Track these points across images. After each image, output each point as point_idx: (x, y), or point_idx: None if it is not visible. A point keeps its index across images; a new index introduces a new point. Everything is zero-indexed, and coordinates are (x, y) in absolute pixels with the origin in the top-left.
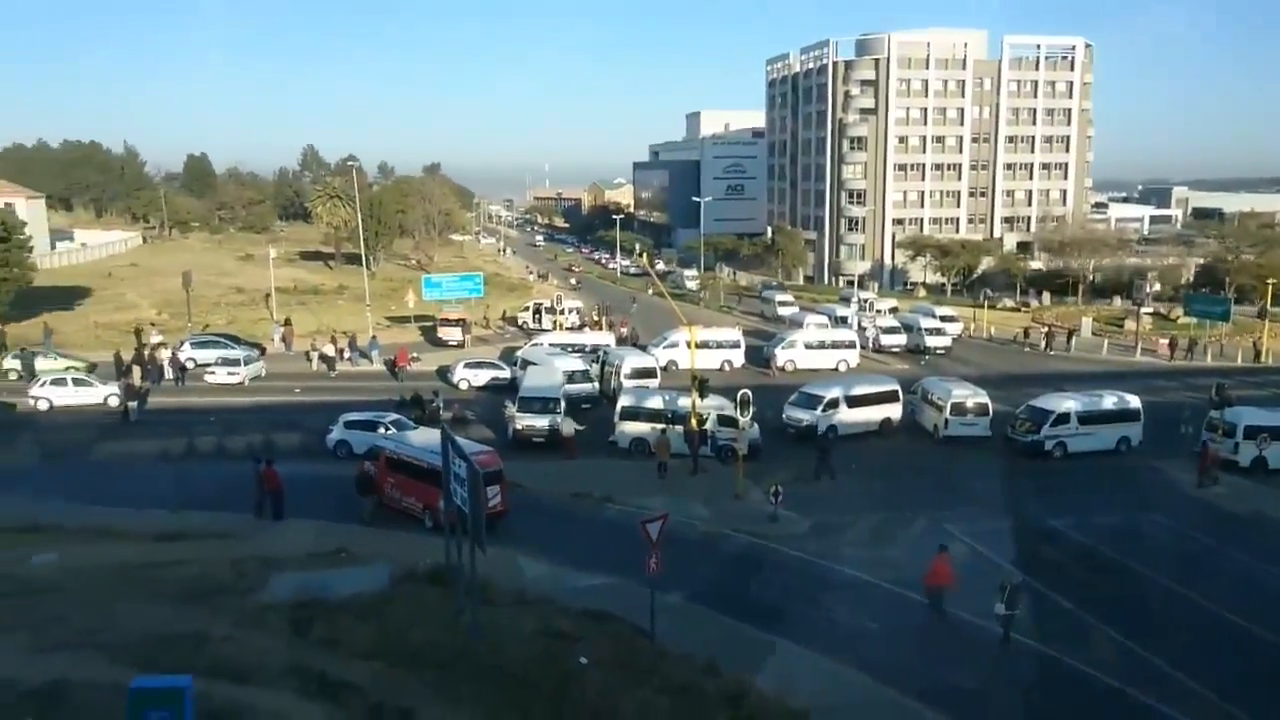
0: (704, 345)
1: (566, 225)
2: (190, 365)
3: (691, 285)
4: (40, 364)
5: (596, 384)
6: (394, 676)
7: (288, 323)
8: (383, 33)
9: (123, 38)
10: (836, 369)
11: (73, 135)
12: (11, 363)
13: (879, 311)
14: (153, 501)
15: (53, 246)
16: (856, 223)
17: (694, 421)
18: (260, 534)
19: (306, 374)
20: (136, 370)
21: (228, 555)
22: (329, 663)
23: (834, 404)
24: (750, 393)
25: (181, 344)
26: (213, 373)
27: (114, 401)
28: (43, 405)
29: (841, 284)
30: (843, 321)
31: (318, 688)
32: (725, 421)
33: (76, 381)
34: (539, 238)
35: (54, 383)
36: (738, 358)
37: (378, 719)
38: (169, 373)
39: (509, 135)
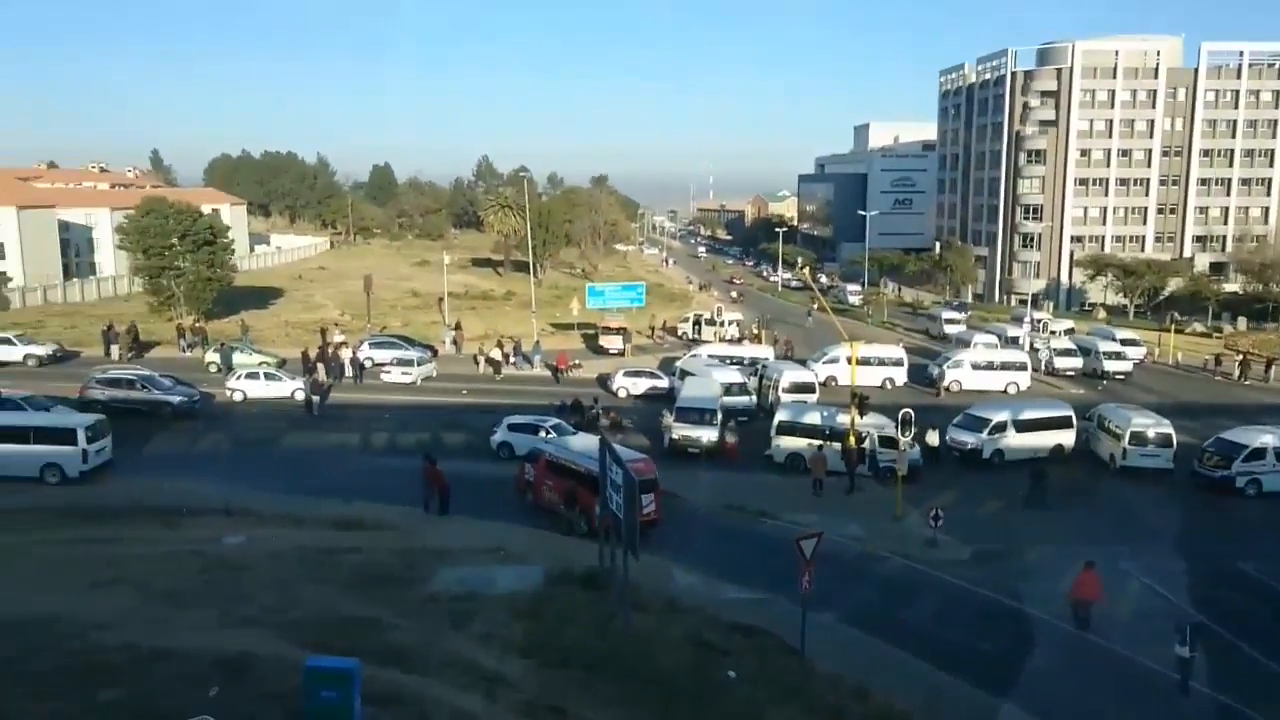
0: (865, 362)
1: (729, 237)
2: (368, 364)
3: (854, 300)
4: (237, 359)
5: (754, 397)
6: (546, 674)
7: (458, 326)
8: (555, 51)
9: (320, 57)
10: (1005, 391)
11: (272, 147)
12: (212, 356)
13: (1053, 332)
14: (330, 491)
15: (252, 249)
16: (1032, 239)
17: (852, 439)
18: (427, 528)
19: (474, 376)
20: (320, 367)
21: (397, 546)
22: (486, 656)
23: (1001, 427)
24: (912, 412)
25: (361, 344)
26: (388, 372)
27: (299, 396)
28: (238, 397)
29: (1013, 302)
30: (1014, 342)
31: (475, 680)
32: (885, 441)
33: (268, 376)
34: (701, 249)
35: (248, 376)
36: (900, 375)
37: (530, 715)
38: (349, 370)
39: (675, 147)
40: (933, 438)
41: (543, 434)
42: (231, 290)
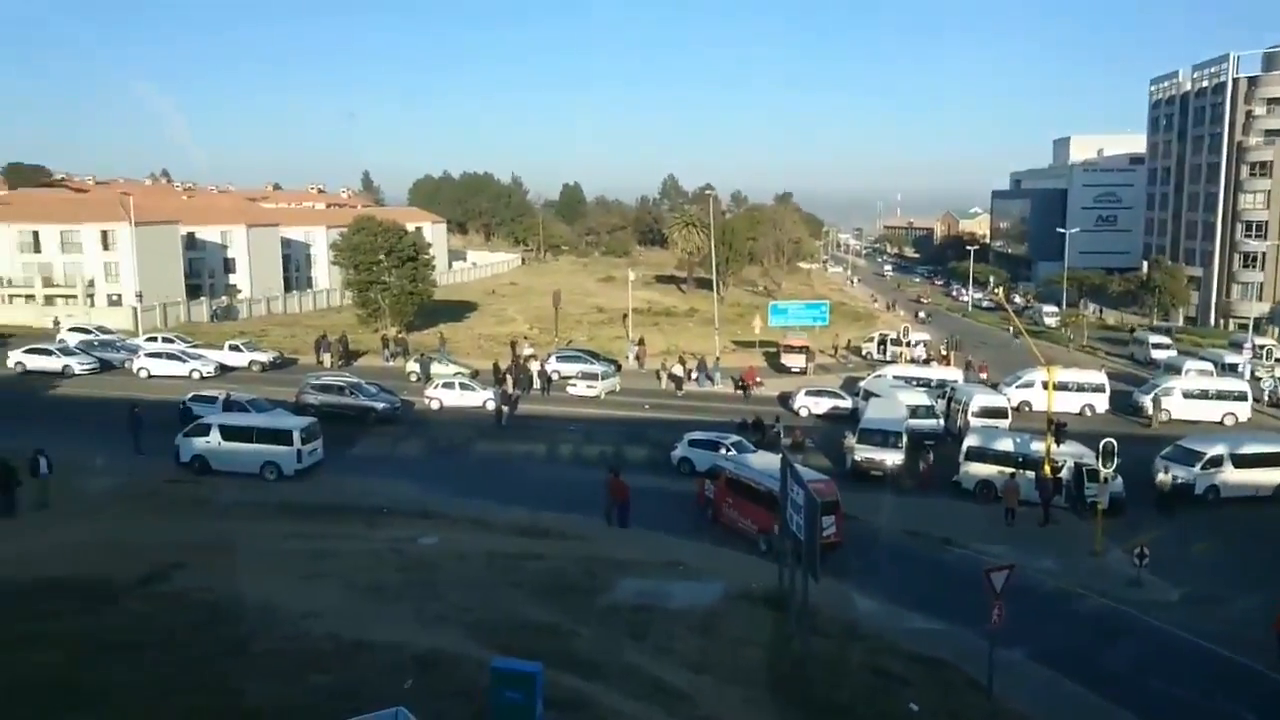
0: (1062, 387)
1: (916, 255)
2: (555, 377)
3: (1051, 322)
4: (435, 369)
5: (941, 420)
6: (722, 691)
7: (641, 342)
8: (741, 67)
9: (517, 85)
10: (1222, 422)
11: (471, 168)
12: (413, 366)
13: (1278, 360)
14: (516, 498)
15: (450, 265)
16: (1254, 259)
17: (1047, 468)
18: (608, 539)
19: (656, 391)
20: (510, 379)
21: (579, 555)
22: (662, 669)
23: (1216, 461)
24: (1115, 442)
25: (549, 357)
26: (574, 385)
27: (490, 406)
28: (435, 405)
29: (1232, 327)
30: (1232, 369)
31: (651, 692)
32: (1084, 471)
33: (463, 386)
34: (887, 267)
35: (445, 386)
36: (1101, 403)
37: None
38: (537, 383)
39: (862, 163)
40: (1166, 476)
41: (723, 451)
42: (431, 304)
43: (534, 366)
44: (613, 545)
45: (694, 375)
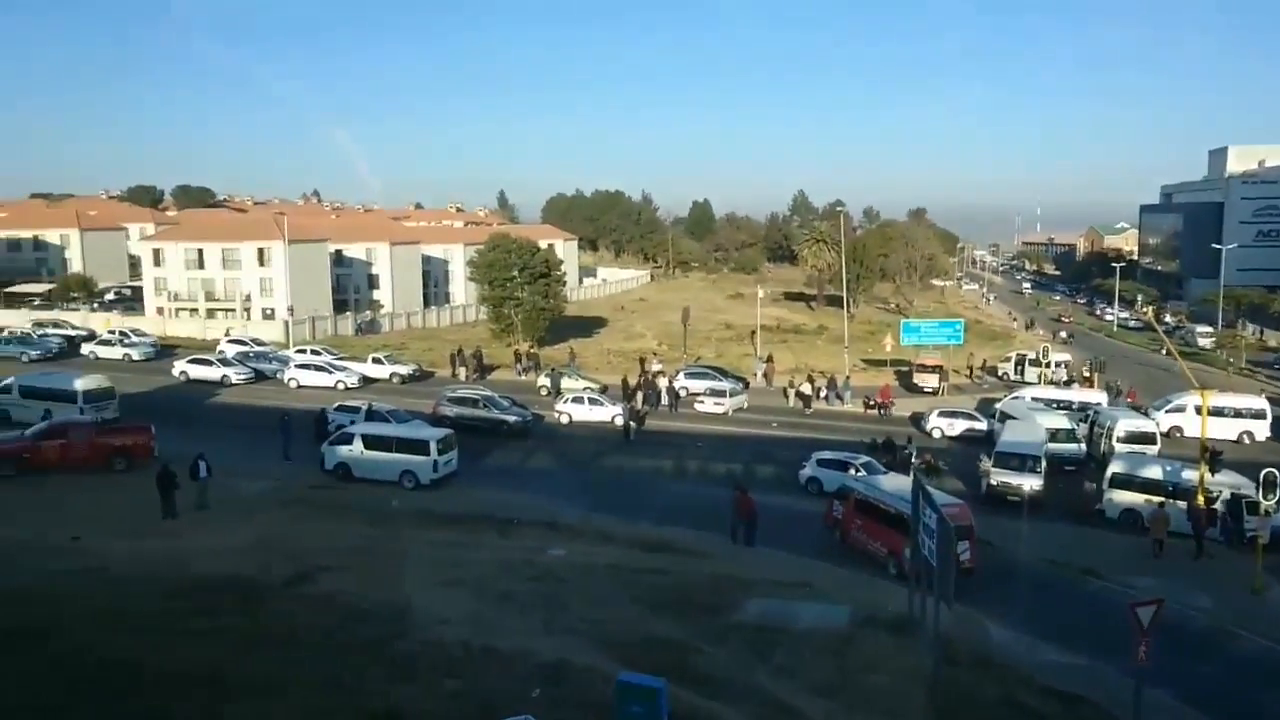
0: (1218, 412)
1: (1057, 272)
2: (683, 393)
3: (1205, 343)
4: (565, 383)
5: (1084, 445)
6: (847, 718)
7: (770, 359)
8: (870, 82)
9: (648, 104)
10: None
11: (602, 185)
12: (544, 380)
13: None
14: (643, 513)
15: (581, 282)
16: None
17: (1200, 498)
18: (733, 556)
19: (784, 409)
20: (638, 394)
21: (704, 572)
22: (787, 691)
23: None
24: (1277, 472)
25: (677, 373)
26: (702, 401)
27: (619, 421)
28: (564, 419)
29: None
30: None
31: (774, 713)
32: (1243, 503)
33: (591, 400)
34: (1026, 285)
35: (574, 400)
36: (1262, 430)
37: None
38: (665, 399)
39: (1000, 178)
40: None
41: (852, 471)
42: (562, 319)
43: (662, 382)
44: (738, 563)
45: (823, 394)
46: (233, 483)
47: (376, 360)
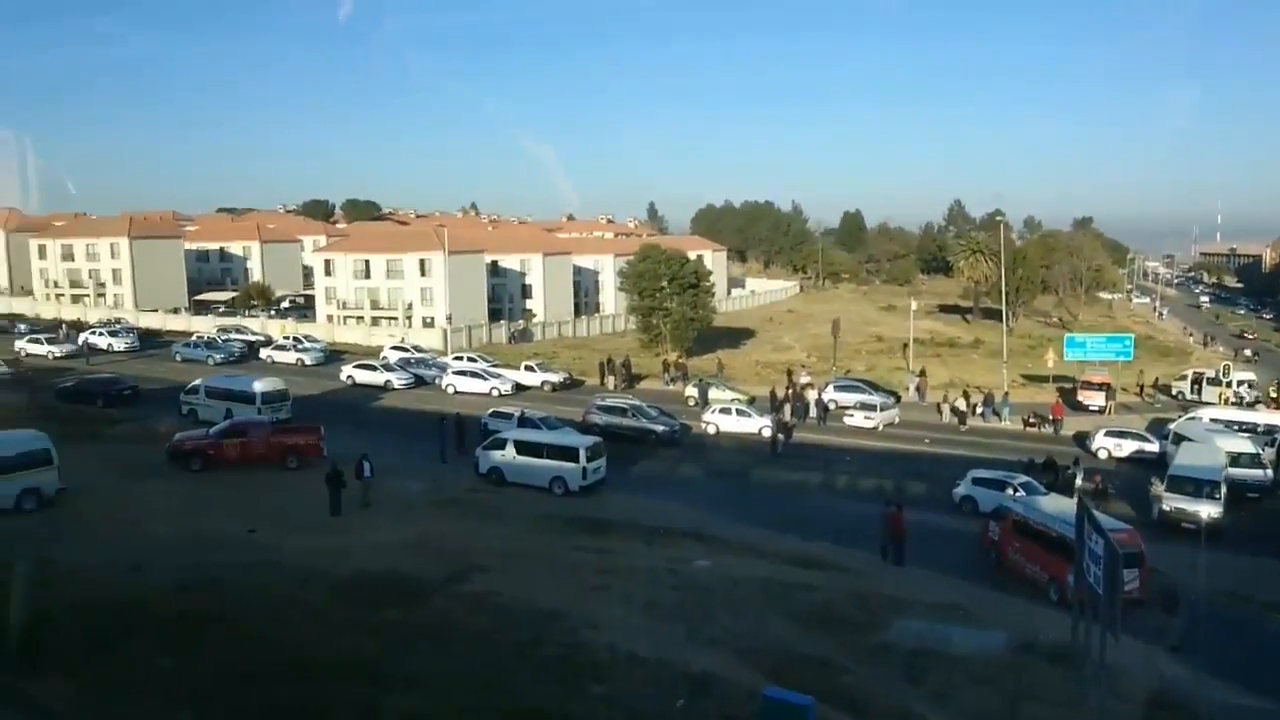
0: None
1: (1240, 285)
2: (832, 406)
3: None
4: (712, 394)
5: (1270, 471)
6: None
7: (923, 373)
8: (1029, 85)
9: (795, 112)
10: None
11: (751, 196)
12: (691, 391)
13: None
14: (789, 527)
15: (729, 292)
16: None
17: None
18: (883, 575)
19: (937, 425)
20: (786, 407)
21: (853, 590)
22: (938, 717)
23: None
24: None
25: (826, 386)
26: (851, 415)
27: (766, 433)
28: (711, 430)
29: None
30: None
31: None
32: None
33: (739, 412)
34: (1204, 298)
35: (722, 411)
36: None
37: None
38: (813, 411)
39: (1175, 184)
40: None
41: (1010, 491)
42: (710, 330)
43: (811, 395)
44: (887, 581)
45: (978, 410)
46: (393, 483)
47: (529, 368)
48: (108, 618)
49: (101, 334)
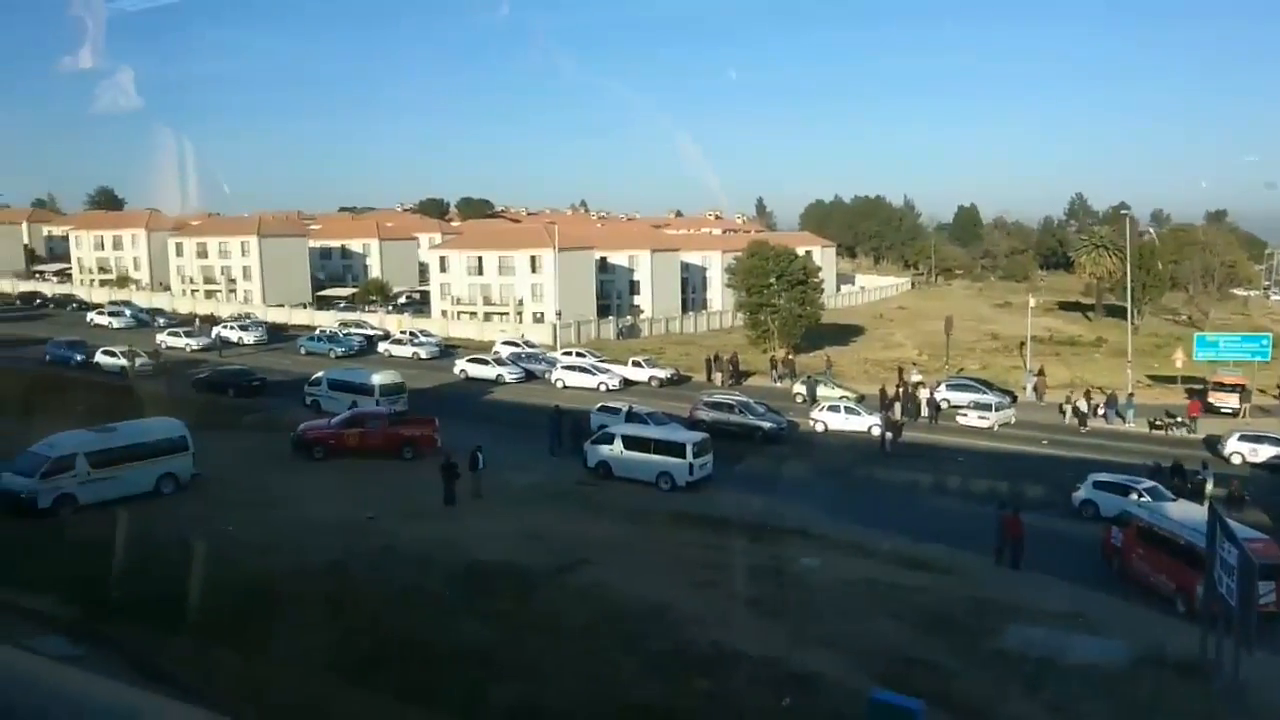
0: None
1: None
2: (944, 405)
3: None
4: (821, 391)
5: None
6: None
7: (1041, 372)
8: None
9: (909, 106)
10: None
11: (862, 191)
12: (799, 388)
13: None
14: (898, 527)
15: (838, 289)
16: None
17: None
18: (997, 579)
19: (1056, 426)
20: (897, 405)
21: (965, 594)
22: None
23: None
24: None
25: (938, 384)
26: (964, 415)
27: (875, 431)
28: (819, 428)
29: None
30: None
31: None
32: None
33: (848, 410)
34: None
35: (830, 409)
36: None
37: None
38: (925, 410)
39: None
40: None
41: (1134, 496)
42: (818, 327)
43: (922, 394)
44: (1002, 586)
45: (1100, 411)
46: (504, 475)
47: (636, 363)
48: (242, 596)
49: (232, 328)
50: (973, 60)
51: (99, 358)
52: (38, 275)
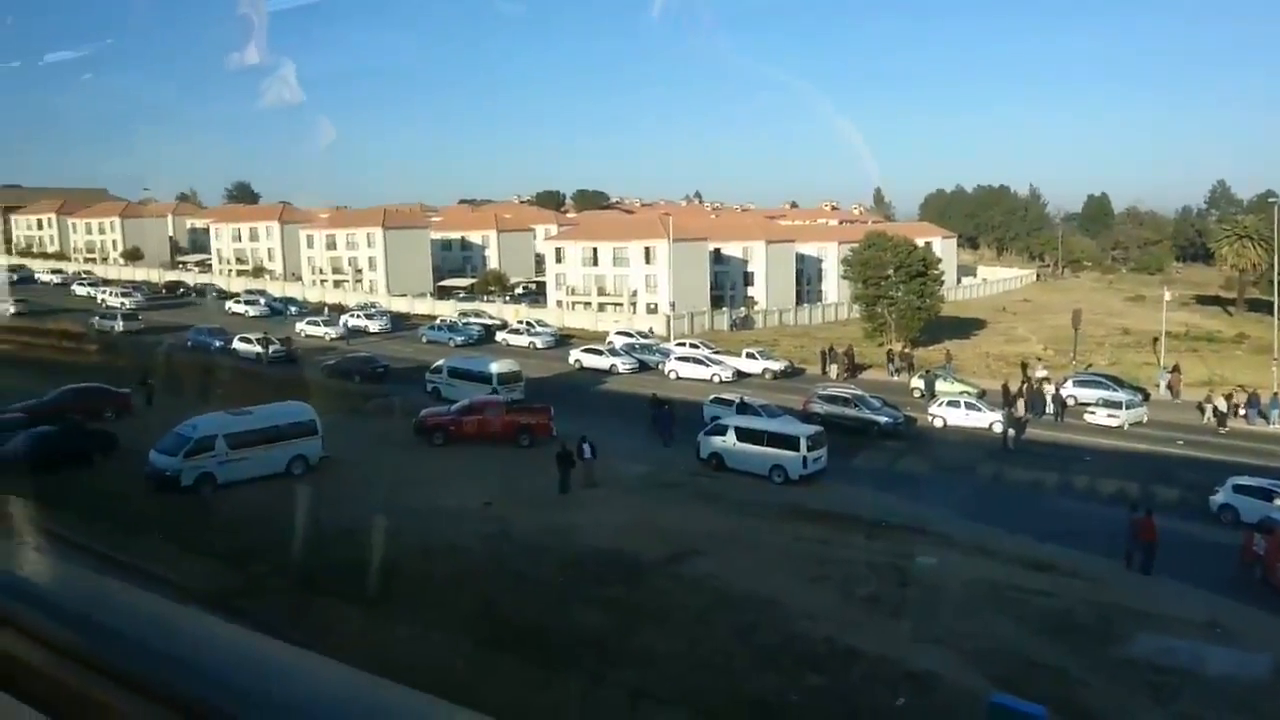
0: None
1: None
2: (1070, 402)
3: None
4: (939, 386)
5: None
6: None
7: (1175, 369)
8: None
9: (1035, 93)
10: None
11: (985, 180)
12: (917, 382)
13: None
14: (1021, 528)
15: (958, 281)
16: None
17: None
18: (1126, 584)
19: (1192, 426)
20: (1020, 401)
21: (1091, 598)
22: None
23: None
24: None
25: (1065, 380)
26: (1092, 413)
27: (997, 428)
28: (938, 423)
29: None
30: None
31: None
32: None
33: (968, 405)
34: None
35: (949, 404)
36: None
37: None
38: (1050, 407)
39: None
40: None
41: (1279, 502)
42: (938, 320)
43: (1048, 390)
44: (1131, 592)
45: (1241, 411)
46: (617, 464)
47: (750, 355)
48: (367, 572)
49: (358, 317)
50: (1104, 44)
51: (236, 344)
52: (181, 266)
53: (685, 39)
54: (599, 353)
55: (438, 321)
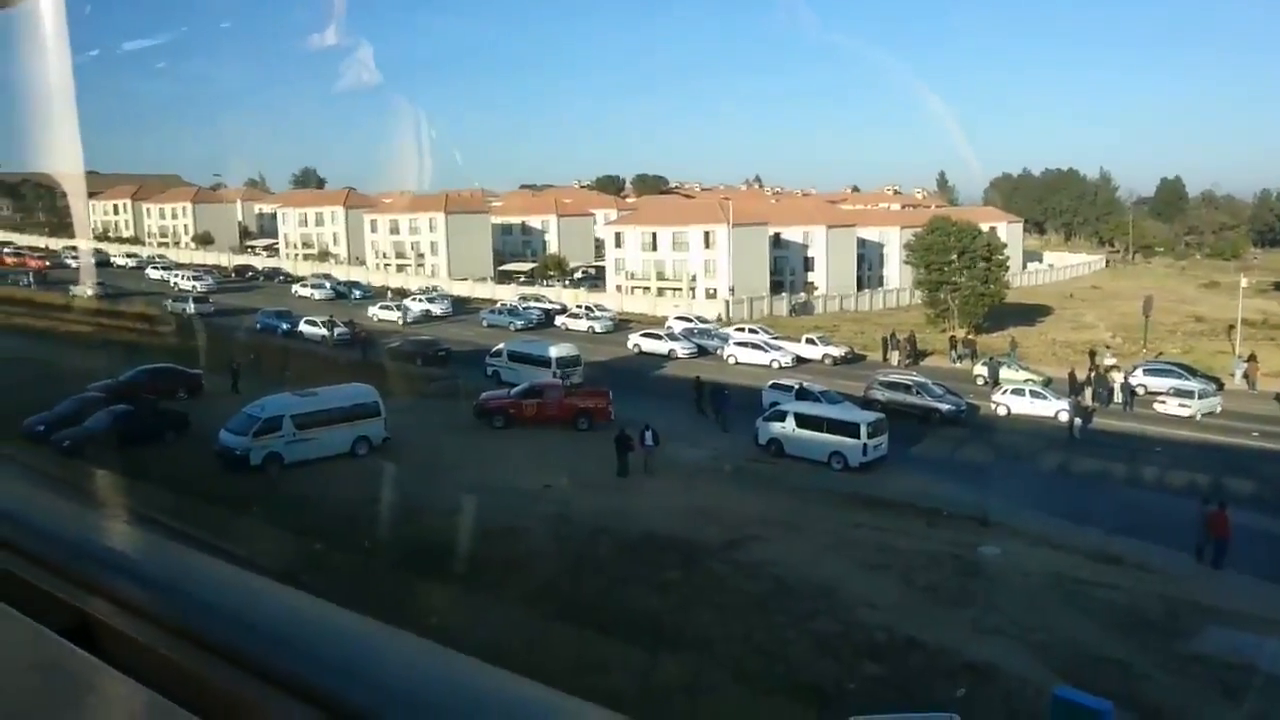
0: None
1: None
2: (1140, 391)
3: None
4: (1004, 373)
5: None
6: None
7: (1252, 358)
8: None
9: (1101, 76)
10: None
11: (1054, 163)
12: (980, 369)
13: None
14: (1086, 519)
15: (1024, 267)
16: None
17: None
18: (1195, 579)
19: (1269, 417)
20: (1088, 390)
21: (1158, 591)
22: None
23: None
24: None
25: (1134, 369)
26: (1163, 402)
27: (1063, 417)
28: (1001, 411)
29: None
30: None
31: None
32: None
33: (1033, 393)
34: None
35: (1014, 392)
36: None
37: None
38: (1118, 396)
39: None
40: None
41: None
42: (1002, 306)
43: (1116, 378)
44: (1201, 587)
45: None
46: (676, 449)
47: (810, 341)
48: (427, 552)
49: (421, 301)
50: (1180, 18)
51: (302, 327)
52: (249, 250)
53: (748, 17)
54: (658, 337)
55: (498, 306)
